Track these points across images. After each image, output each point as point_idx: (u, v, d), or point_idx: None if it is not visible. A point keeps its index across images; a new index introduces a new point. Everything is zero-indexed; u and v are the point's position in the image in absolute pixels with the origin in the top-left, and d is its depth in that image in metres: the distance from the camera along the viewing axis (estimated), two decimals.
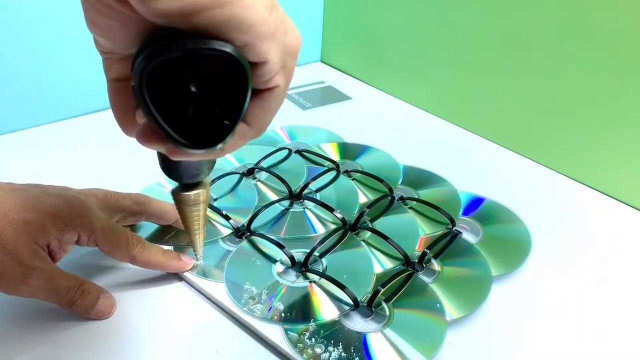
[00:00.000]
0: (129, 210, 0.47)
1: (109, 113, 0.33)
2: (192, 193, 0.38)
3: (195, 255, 0.46)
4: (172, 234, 0.50)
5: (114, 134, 0.39)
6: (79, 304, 0.41)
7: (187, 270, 0.46)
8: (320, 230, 0.52)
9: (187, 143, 0.26)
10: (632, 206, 0.59)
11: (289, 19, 0.29)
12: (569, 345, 0.43)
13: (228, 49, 0.25)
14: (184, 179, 0.37)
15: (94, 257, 0.48)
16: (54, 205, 0.41)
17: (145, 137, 0.29)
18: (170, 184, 0.57)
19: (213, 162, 0.38)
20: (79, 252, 0.47)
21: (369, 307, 0.44)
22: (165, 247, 0.47)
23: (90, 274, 0.46)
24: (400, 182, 0.60)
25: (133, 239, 0.44)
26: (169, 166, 0.36)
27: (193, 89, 0.25)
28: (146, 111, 0.25)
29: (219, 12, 0.24)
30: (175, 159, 0.29)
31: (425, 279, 0.47)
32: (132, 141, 0.33)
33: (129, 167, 0.59)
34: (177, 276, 0.47)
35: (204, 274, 0.46)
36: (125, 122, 0.32)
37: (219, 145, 0.27)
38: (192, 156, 0.29)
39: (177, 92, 0.25)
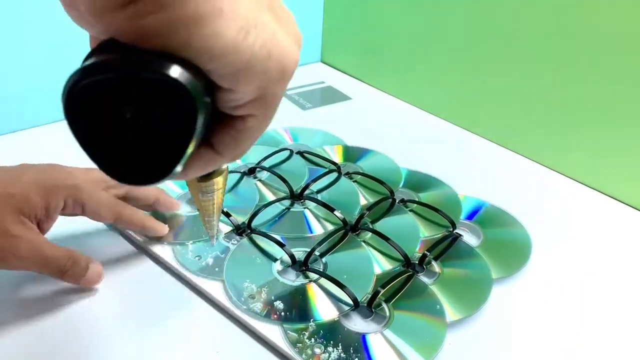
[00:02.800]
0: (109, 182, 0.47)
1: None
2: (209, 182, 0.35)
3: (210, 239, 0.44)
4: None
5: None
6: (70, 273, 0.42)
7: (163, 238, 0.49)
8: (321, 230, 0.52)
9: (115, 176, 0.22)
10: (632, 206, 0.59)
11: (279, 36, 0.24)
12: (569, 348, 0.43)
13: (176, 74, 0.21)
14: None
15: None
16: (38, 175, 0.43)
17: None
18: (172, 182, 0.57)
19: None
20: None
21: (369, 308, 0.44)
22: None
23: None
24: (401, 184, 0.60)
25: (117, 199, 0.46)
26: None
27: (128, 115, 0.21)
28: (73, 135, 0.22)
29: (174, 39, 0.21)
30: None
31: (426, 280, 0.47)
32: None
33: None
34: (176, 275, 0.47)
35: (204, 272, 0.46)
36: None
37: (159, 183, 0.23)
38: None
39: (110, 114, 0.21)
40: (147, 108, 0.21)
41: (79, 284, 0.43)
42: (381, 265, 0.48)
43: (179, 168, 0.23)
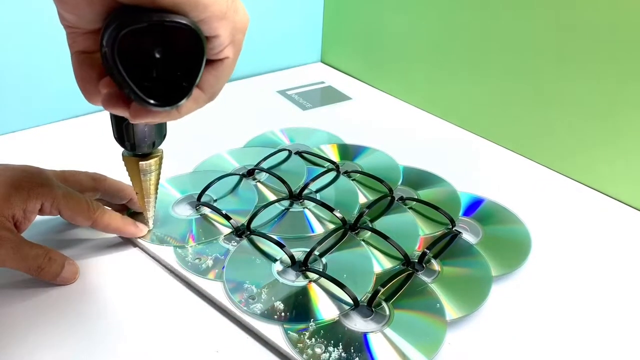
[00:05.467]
0: (85, 184, 0.48)
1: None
2: (144, 162, 0.43)
3: (147, 221, 0.49)
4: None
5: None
6: (47, 271, 0.44)
7: (141, 237, 0.49)
8: (320, 230, 0.52)
9: (151, 102, 0.30)
10: (632, 206, 0.59)
11: (237, 1, 0.33)
12: (569, 346, 0.43)
13: (187, 21, 0.29)
14: (136, 149, 0.42)
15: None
16: (15, 177, 0.43)
17: (111, 102, 0.32)
18: (172, 185, 0.57)
19: (164, 133, 0.43)
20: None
21: (369, 307, 0.44)
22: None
23: (87, 281, 0.47)
24: (400, 182, 0.60)
25: (93, 204, 0.47)
26: (122, 137, 0.41)
27: (157, 55, 0.29)
28: (116, 74, 0.29)
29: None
30: (137, 121, 0.33)
31: (425, 279, 0.47)
32: None
33: None
34: (176, 276, 0.47)
35: (204, 273, 0.46)
36: (88, 90, 0.34)
37: (181, 102, 0.31)
38: (154, 116, 0.33)
39: (143, 57, 0.29)
40: (170, 47, 0.29)
41: (55, 282, 0.44)
42: (381, 263, 0.48)
43: (184, 100, 0.31)
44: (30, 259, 0.43)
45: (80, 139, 0.66)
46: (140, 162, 0.43)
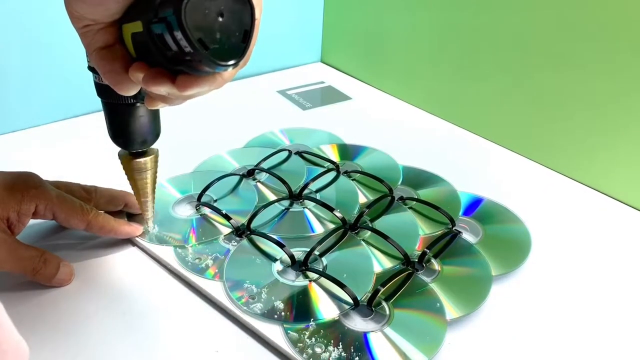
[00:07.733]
0: (77, 194, 0.49)
1: None
2: (142, 160, 0.44)
3: (146, 222, 0.49)
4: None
5: None
6: (42, 272, 0.44)
7: (141, 237, 0.49)
8: (320, 229, 0.52)
9: (230, 63, 0.31)
10: (632, 206, 0.59)
11: None
12: (568, 345, 0.43)
13: None
14: (133, 147, 0.43)
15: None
16: (10, 180, 0.44)
17: (156, 81, 0.32)
18: (172, 185, 0.57)
19: (159, 131, 0.44)
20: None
21: (369, 307, 0.44)
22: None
23: (87, 282, 0.47)
24: (400, 182, 0.60)
25: (86, 207, 0.47)
26: (119, 136, 0.42)
27: (220, 18, 0.30)
28: (185, 41, 0.29)
29: None
30: (185, 92, 0.32)
31: (425, 278, 0.47)
32: None
33: None
34: (177, 276, 0.47)
35: (204, 273, 0.46)
36: (119, 81, 0.34)
37: (244, 58, 0.32)
38: (202, 85, 0.32)
39: (205, 21, 0.30)
40: (231, 13, 0.31)
41: (50, 284, 0.44)
42: (381, 263, 0.48)
43: (245, 56, 0.32)
44: (25, 260, 0.43)
45: (80, 139, 0.66)
46: (137, 160, 0.44)
